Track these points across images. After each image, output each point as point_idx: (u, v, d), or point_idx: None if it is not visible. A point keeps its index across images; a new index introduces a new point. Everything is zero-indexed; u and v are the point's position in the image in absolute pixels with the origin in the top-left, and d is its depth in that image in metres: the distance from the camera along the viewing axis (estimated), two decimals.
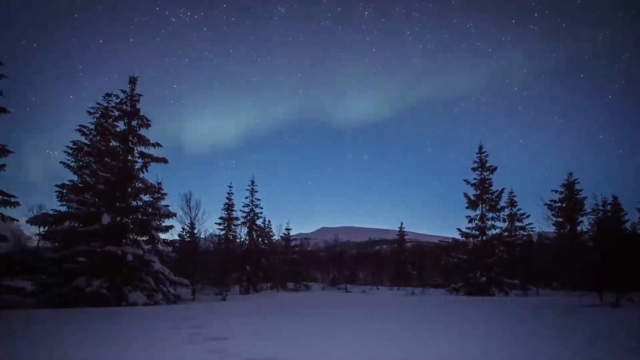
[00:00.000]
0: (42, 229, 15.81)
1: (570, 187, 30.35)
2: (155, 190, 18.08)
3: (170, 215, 18.04)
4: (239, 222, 31.94)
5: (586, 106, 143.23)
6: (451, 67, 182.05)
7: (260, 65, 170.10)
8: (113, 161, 16.81)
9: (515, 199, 29.88)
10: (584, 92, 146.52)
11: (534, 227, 29.95)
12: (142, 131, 18.08)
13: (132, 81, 18.02)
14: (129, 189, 17.33)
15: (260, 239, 33.59)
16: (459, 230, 27.38)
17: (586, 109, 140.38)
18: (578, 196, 29.90)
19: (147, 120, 18.04)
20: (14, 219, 14.35)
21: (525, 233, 30.17)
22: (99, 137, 17.26)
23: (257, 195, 32.51)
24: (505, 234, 27.98)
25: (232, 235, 31.69)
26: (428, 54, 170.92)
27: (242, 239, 32.27)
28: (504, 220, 27.84)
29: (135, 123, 17.93)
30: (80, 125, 17.17)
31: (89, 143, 17.03)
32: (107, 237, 15.40)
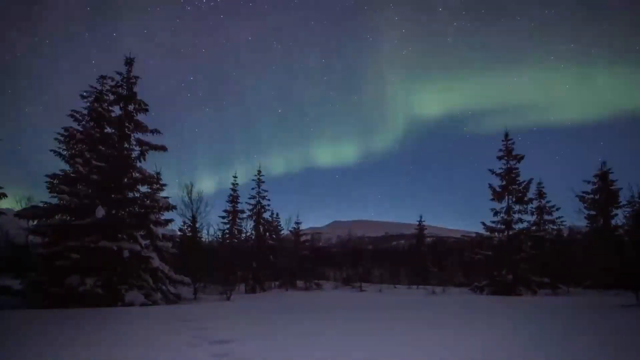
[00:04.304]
0: (31, 222, 15.48)
1: (603, 177, 29.23)
2: (154, 181, 17.64)
3: (170, 207, 17.62)
4: (244, 215, 31.58)
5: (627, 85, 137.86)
6: (487, 46, 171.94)
7: (280, 52, 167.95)
8: (108, 149, 16.35)
9: (544, 190, 29.08)
10: (624, 67, 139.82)
11: (564, 221, 29.28)
12: (140, 116, 17.63)
13: (129, 62, 17.48)
14: (125, 180, 16.86)
15: (267, 234, 33.06)
16: (483, 224, 26.64)
17: (627, 89, 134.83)
18: (612, 187, 28.84)
19: (145, 104, 17.55)
20: (0, 212, 14.02)
21: (555, 227, 29.42)
22: (92, 123, 16.81)
23: (264, 186, 32.04)
24: (534, 228, 27.23)
25: (237, 229, 31.38)
26: (463, 32, 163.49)
27: (248, 234, 31.93)
28: (532, 214, 27.13)
29: (132, 108, 17.44)
30: (72, 110, 16.68)
31: (81, 129, 16.60)
32: (102, 231, 14.98)
